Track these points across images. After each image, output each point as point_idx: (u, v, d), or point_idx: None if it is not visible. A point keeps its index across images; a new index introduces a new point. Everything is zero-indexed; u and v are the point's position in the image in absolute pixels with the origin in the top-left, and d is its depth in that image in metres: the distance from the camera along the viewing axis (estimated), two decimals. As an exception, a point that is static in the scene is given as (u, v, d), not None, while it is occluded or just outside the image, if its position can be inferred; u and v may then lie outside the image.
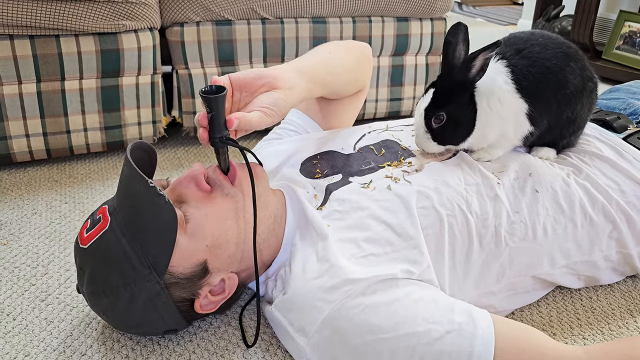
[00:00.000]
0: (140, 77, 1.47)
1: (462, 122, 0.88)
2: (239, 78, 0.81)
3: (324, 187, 0.92)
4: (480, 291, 0.88)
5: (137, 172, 0.75)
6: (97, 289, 0.79)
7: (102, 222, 0.79)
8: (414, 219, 0.82)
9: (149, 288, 0.77)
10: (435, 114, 0.88)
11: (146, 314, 0.80)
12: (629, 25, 2.47)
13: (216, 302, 0.84)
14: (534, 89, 0.88)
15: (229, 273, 0.84)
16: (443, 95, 0.88)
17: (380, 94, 1.77)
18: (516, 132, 0.91)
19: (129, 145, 0.81)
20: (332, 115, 1.15)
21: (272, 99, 0.80)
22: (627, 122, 1.09)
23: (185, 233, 0.79)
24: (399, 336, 0.72)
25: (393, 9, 1.67)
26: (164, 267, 0.77)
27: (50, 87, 1.39)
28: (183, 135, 1.69)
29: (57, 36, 1.35)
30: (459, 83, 0.87)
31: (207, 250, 0.80)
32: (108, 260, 0.77)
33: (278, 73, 0.83)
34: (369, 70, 1.16)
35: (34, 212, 1.27)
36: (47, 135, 1.43)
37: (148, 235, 0.76)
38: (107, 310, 0.81)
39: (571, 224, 0.91)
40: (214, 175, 0.85)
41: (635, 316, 0.97)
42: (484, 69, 0.85)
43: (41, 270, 1.06)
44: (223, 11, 1.50)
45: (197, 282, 0.80)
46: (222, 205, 0.82)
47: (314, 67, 0.95)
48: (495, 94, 0.87)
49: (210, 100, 0.73)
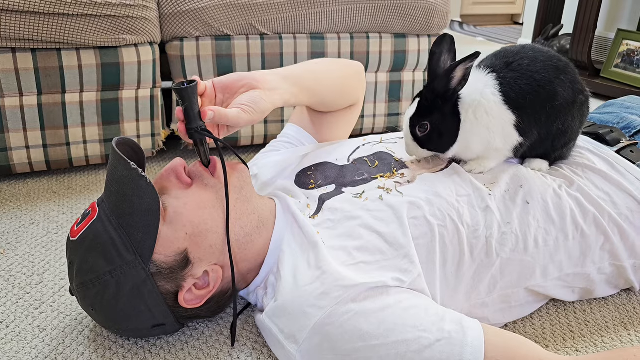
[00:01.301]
0: (140, 90, 1.49)
1: (445, 131, 0.90)
2: (222, 81, 0.86)
3: (317, 197, 0.93)
4: (472, 302, 0.88)
5: (120, 156, 0.77)
6: (85, 279, 0.80)
7: (91, 214, 0.81)
8: (405, 229, 0.83)
9: (134, 275, 0.78)
10: (419, 123, 0.90)
11: (133, 303, 0.80)
12: (627, 43, 2.49)
13: (201, 296, 0.84)
14: (522, 101, 0.89)
15: (212, 265, 0.84)
16: (427, 105, 0.91)
17: (378, 109, 1.78)
18: (505, 143, 0.92)
19: (115, 138, 0.84)
20: (325, 129, 1.17)
21: (250, 97, 0.84)
22: (620, 135, 1.09)
23: (164, 221, 0.80)
24: (388, 343, 0.72)
25: (391, 25, 1.69)
26: (149, 253, 0.78)
27: (51, 99, 1.41)
28: (182, 149, 1.71)
29: (58, 49, 1.37)
30: (441, 93, 0.89)
31: (188, 239, 0.81)
32: (95, 248, 0.79)
33: (259, 75, 0.88)
34: (361, 86, 1.18)
35: (32, 222, 1.28)
36: (47, 147, 1.45)
37: (133, 219, 0.78)
38: (95, 302, 0.82)
39: (562, 235, 0.91)
40: (195, 168, 0.87)
41: (629, 329, 0.96)
42: (465, 79, 0.87)
43: (36, 279, 1.06)
44: (222, 26, 1.53)
45: (180, 272, 0.81)
46: (201, 195, 0.84)
47: (299, 73, 0.98)
48: (482, 105, 0.89)
49: (181, 92, 0.78)
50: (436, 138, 0.91)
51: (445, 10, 1.74)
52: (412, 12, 1.69)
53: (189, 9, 1.48)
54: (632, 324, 0.98)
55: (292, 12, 1.58)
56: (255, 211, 0.89)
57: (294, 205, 0.92)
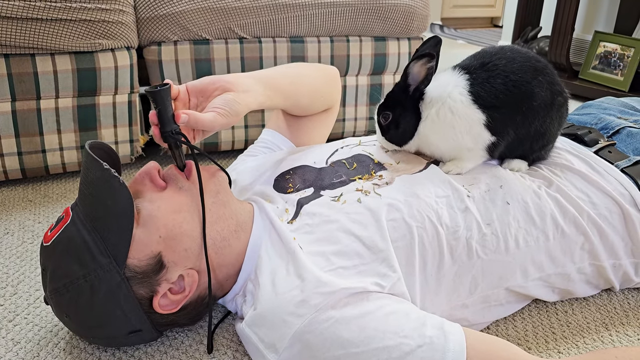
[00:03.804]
0: (117, 96, 1.47)
1: (402, 125, 0.95)
2: (195, 85, 0.86)
3: (295, 201, 0.92)
4: (452, 304, 0.88)
5: (93, 157, 0.76)
6: (59, 285, 0.78)
7: (64, 218, 0.80)
8: (383, 232, 0.82)
9: (109, 279, 0.77)
10: (383, 112, 0.96)
11: (108, 309, 0.79)
12: (604, 45, 2.52)
13: (177, 301, 0.83)
14: (493, 100, 0.89)
15: (187, 269, 0.82)
16: (392, 97, 0.96)
17: (359, 113, 1.78)
18: (476, 143, 0.92)
19: (88, 141, 0.82)
20: (302, 133, 1.16)
21: (224, 100, 0.83)
22: (598, 136, 1.10)
23: (138, 224, 0.79)
24: (369, 350, 0.71)
25: (370, 28, 1.69)
26: (123, 256, 0.77)
27: (25, 106, 1.38)
28: (161, 155, 1.68)
29: (32, 55, 1.35)
30: (403, 89, 0.93)
31: (162, 242, 0.79)
32: (69, 252, 0.77)
33: (232, 78, 0.87)
34: (337, 89, 1.18)
35: (6, 232, 1.25)
36: (22, 155, 1.42)
37: (106, 222, 0.76)
38: (69, 308, 0.80)
39: (543, 235, 0.91)
40: (169, 171, 0.87)
41: (610, 330, 0.97)
42: (428, 78, 0.91)
43: (10, 290, 1.04)
44: (201, 30, 1.51)
45: (154, 277, 0.79)
46: (176, 198, 0.83)
47: (274, 75, 0.98)
48: (446, 104, 0.90)
49: (154, 94, 0.77)
50: (394, 129, 0.95)
51: (425, 13, 1.74)
52: (392, 15, 1.69)
53: (166, 13, 1.46)
54: (613, 324, 0.98)
55: (271, 16, 1.56)
56: (233, 215, 0.87)
57: (272, 210, 0.91)
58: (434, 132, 0.93)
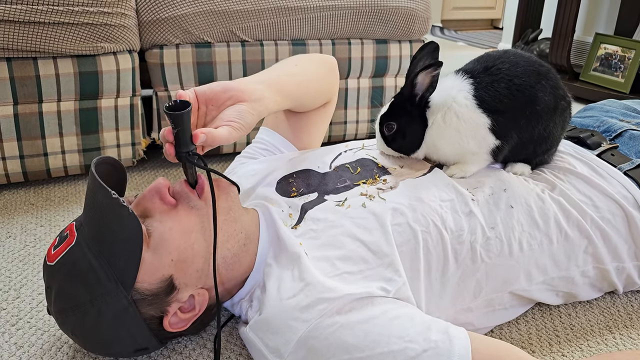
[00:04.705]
0: (119, 99, 1.47)
1: (409, 134, 0.94)
2: (205, 92, 0.81)
3: (299, 206, 0.92)
4: (457, 308, 0.87)
5: (100, 184, 0.74)
6: (64, 306, 0.78)
7: (69, 238, 0.78)
8: (388, 236, 0.82)
9: (116, 303, 0.76)
10: (387, 122, 0.95)
11: (114, 331, 0.78)
12: (605, 47, 2.52)
13: (187, 319, 0.82)
14: (498, 104, 0.89)
15: (198, 289, 0.82)
16: (396, 107, 0.95)
17: (361, 115, 1.78)
18: (480, 147, 0.92)
19: (94, 159, 0.80)
20: (302, 130, 1.15)
21: (239, 112, 0.79)
22: (600, 139, 1.10)
23: (148, 247, 0.77)
24: (374, 355, 0.71)
25: (372, 31, 1.69)
26: (131, 281, 0.75)
27: (27, 109, 1.38)
28: (163, 158, 1.68)
29: (34, 58, 1.35)
30: (408, 98, 0.92)
31: (173, 265, 0.78)
32: (74, 276, 0.76)
33: (244, 86, 0.83)
34: (336, 82, 1.17)
35: (9, 235, 1.25)
36: (24, 158, 1.42)
37: (114, 248, 0.75)
38: (75, 328, 0.79)
39: (547, 239, 0.91)
40: (180, 188, 0.83)
41: (614, 332, 0.97)
42: (433, 86, 0.89)
43: (13, 294, 1.03)
44: (202, 34, 1.51)
45: (165, 298, 0.78)
46: (187, 219, 0.81)
47: (282, 79, 0.95)
48: (452, 109, 0.90)
49: (176, 117, 0.72)
50: (400, 139, 0.95)
51: (426, 15, 1.74)
52: (393, 17, 1.69)
53: (168, 16, 1.46)
54: (616, 327, 0.98)
55: (273, 19, 1.57)
56: (242, 229, 0.86)
57: (277, 215, 0.90)
58: (441, 137, 0.92)
